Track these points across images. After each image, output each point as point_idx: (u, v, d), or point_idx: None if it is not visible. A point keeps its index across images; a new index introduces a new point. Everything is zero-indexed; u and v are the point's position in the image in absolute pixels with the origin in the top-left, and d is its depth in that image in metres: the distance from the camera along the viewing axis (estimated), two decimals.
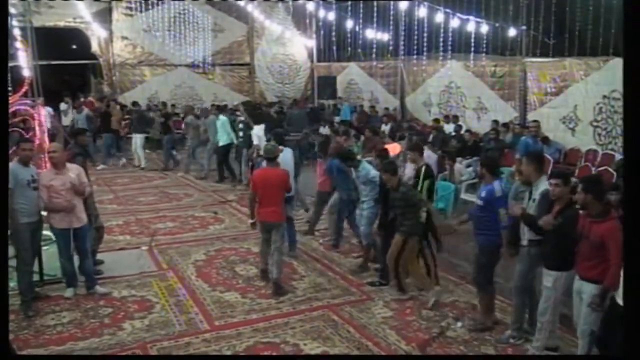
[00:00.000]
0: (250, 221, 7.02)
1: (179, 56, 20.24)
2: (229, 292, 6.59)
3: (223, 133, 12.36)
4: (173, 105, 19.17)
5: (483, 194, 5.42)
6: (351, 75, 19.80)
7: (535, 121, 10.91)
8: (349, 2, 17.80)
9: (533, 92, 12.93)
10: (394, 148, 10.79)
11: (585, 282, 4.50)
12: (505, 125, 12.61)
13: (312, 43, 21.54)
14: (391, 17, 16.54)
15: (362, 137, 12.30)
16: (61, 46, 19.15)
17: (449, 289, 6.65)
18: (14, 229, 5.96)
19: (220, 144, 12.40)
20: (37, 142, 6.91)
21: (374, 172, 7.14)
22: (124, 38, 19.34)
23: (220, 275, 7.12)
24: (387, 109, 17.60)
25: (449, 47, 14.78)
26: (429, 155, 8.62)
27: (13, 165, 6.06)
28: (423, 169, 6.75)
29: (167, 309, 6.11)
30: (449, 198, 8.80)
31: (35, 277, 6.58)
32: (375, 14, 16.96)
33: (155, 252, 7.97)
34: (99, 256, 7.48)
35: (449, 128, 13.82)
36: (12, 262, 5.97)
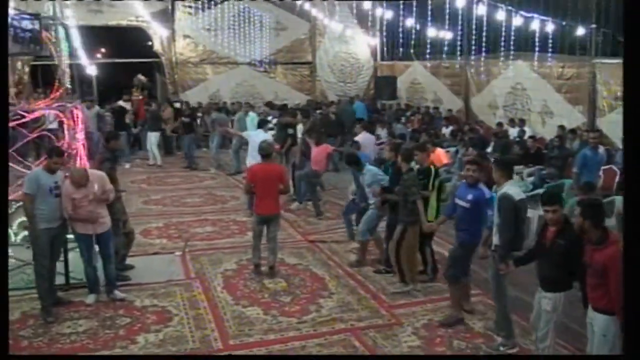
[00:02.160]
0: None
1: (240, 54, 20.23)
2: (252, 307, 6.27)
3: (253, 129, 12.20)
4: (233, 104, 19.16)
5: (470, 197, 5.62)
6: (415, 74, 19.08)
7: (596, 131, 9.89)
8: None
9: (603, 96, 11.83)
10: (439, 157, 10.14)
11: (596, 312, 4.23)
12: (572, 131, 11.59)
13: (375, 41, 20.96)
14: (460, 15, 15.68)
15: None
16: (125, 45, 19.61)
17: (487, 315, 6.02)
18: (33, 233, 5.93)
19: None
20: (65, 145, 6.82)
21: (382, 175, 7.29)
22: (185, 36, 19.51)
23: (247, 287, 6.82)
24: (450, 110, 16.79)
25: (512, 47, 13.82)
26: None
27: (37, 171, 6.03)
28: (433, 168, 6.85)
29: (185, 323, 5.87)
30: None
31: (61, 280, 6.57)
32: (442, 12, 16.17)
33: (187, 258, 7.80)
34: (130, 261, 7.41)
35: (514, 133, 12.93)
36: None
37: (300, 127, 11.57)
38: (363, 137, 10.85)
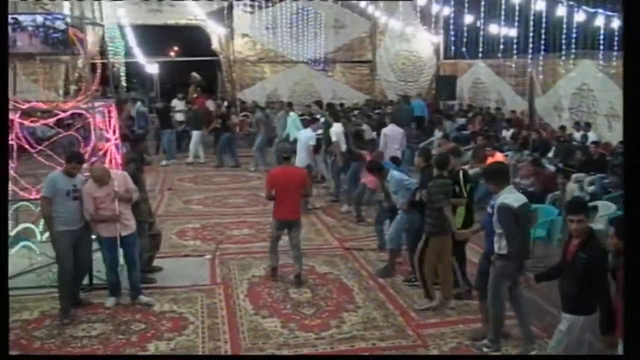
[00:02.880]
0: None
1: (298, 53, 20.06)
2: (271, 318, 5.96)
3: (294, 129, 12.34)
4: (290, 103, 18.98)
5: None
6: (477, 73, 18.22)
7: None
8: None
9: None
10: (496, 160, 9.49)
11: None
12: None
13: (438, 39, 20.19)
14: (518, 11, 14.75)
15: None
16: (185, 43, 19.88)
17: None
18: (52, 236, 5.88)
19: (292, 138, 12.23)
20: (90, 145, 6.77)
21: (408, 180, 7.02)
22: (244, 35, 19.57)
23: (271, 296, 6.52)
24: (513, 112, 15.86)
25: (575, 45, 12.82)
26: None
27: (55, 174, 5.96)
28: (461, 173, 6.47)
29: (199, 332, 5.64)
30: (551, 225, 7.38)
31: (85, 281, 6.52)
32: (506, 8, 15.28)
33: (217, 262, 7.60)
34: (160, 262, 7.30)
35: (579, 137, 11.99)
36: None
37: (339, 128, 11.16)
38: (391, 130, 10.70)
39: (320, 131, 11.36)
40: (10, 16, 6.47)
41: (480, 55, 16.76)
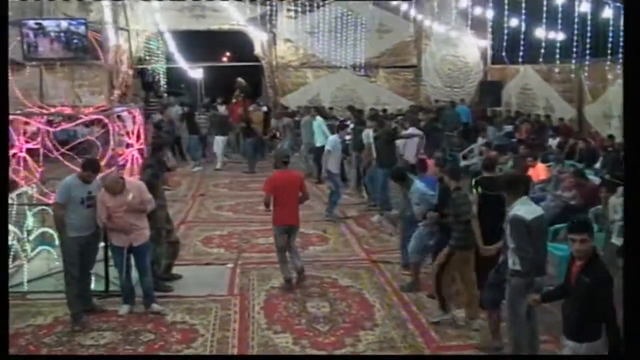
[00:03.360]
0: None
1: (341, 58, 19.82)
2: (284, 333, 5.71)
3: (320, 134, 12.29)
4: (331, 108, 18.79)
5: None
6: (525, 79, 17.47)
7: None
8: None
9: None
10: (537, 172, 8.98)
11: None
12: None
13: (485, 43, 19.52)
14: (576, 16, 13.99)
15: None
16: (228, 49, 19.97)
17: None
18: (62, 241, 5.84)
19: (317, 144, 12.30)
20: (110, 151, 6.72)
21: (430, 193, 6.77)
22: (286, 40, 19.49)
23: (287, 309, 6.28)
24: (562, 119, 15.10)
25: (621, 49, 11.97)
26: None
27: (70, 179, 5.91)
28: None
29: (207, 346, 5.46)
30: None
31: (102, 287, 6.49)
32: (554, 12, 14.54)
33: (237, 271, 7.43)
34: (180, 270, 7.19)
35: None
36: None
37: (369, 133, 10.91)
38: (412, 132, 10.89)
39: (348, 137, 11.17)
40: (34, 21, 6.55)
41: (520, 59, 16.07)
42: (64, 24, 6.48)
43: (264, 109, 17.39)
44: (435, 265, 5.95)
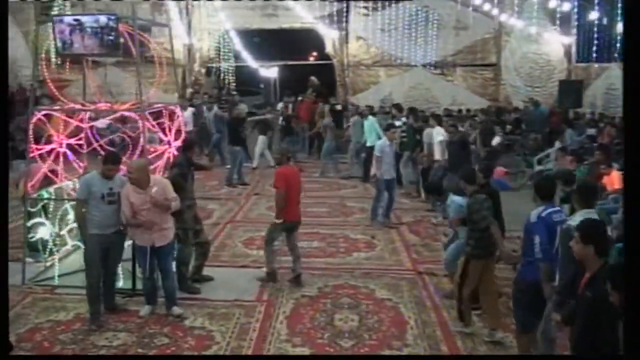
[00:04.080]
0: (278, 221, 6.77)
1: (416, 56, 19.07)
2: (302, 347, 5.32)
3: (371, 134, 11.84)
4: (422, 111, 18.05)
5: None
6: (611, 79, 15.95)
7: None
8: None
9: None
10: (612, 180, 8.00)
11: None
12: None
13: (570, 40, 18.04)
14: None
15: None
16: (299, 47, 19.78)
17: None
18: (83, 238, 5.75)
19: (368, 144, 11.84)
20: (139, 150, 6.57)
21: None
22: (359, 38, 18.99)
23: (313, 321, 5.86)
24: None
25: None
26: None
27: (90, 175, 5.82)
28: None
29: (220, 355, 5.16)
30: None
31: (129, 285, 6.38)
32: None
33: None
34: (214, 271, 7.00)
35: None
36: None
37: (437, 132, 10.31)
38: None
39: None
40: (72, 17, 6.52)
41: (608, 57, 14.65)
42: (103, 19, 6.35)
43: (338, 107, 17.01)
44: (456, 276, 5.64)
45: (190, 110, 14.96)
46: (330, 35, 18.56)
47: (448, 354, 5.17)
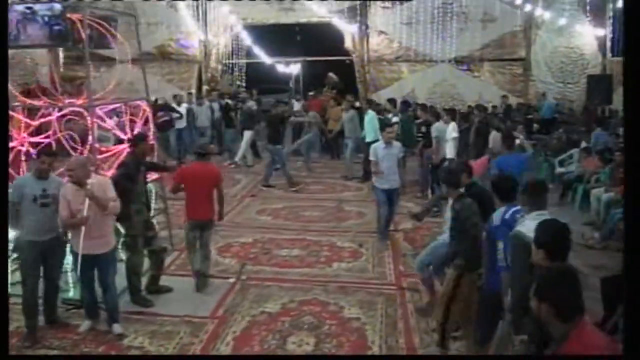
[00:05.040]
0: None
1: (440, 51, 18.14)
2: None
3: (371, 129, 11.03)
4: (432, 107, 17.20)
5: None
6: None
7: None
8: None
9: None
10: None
11: None
12: None
13: (604, 32, 16.73)
14: None
15: None
16: (316, 43, 19.14)
17: None
18: (17, 245, 5.32)
19: (367, 140, 11.00)
20: (87, 148, 6.09)
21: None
22: (380, 32, 18.19)
23: (262, 344, 5.27)
24: None
25: None
26: None
27: (23, 177, 5.39)
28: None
29: None
30: None
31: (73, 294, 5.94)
32: None
33: (236, 287, 6.54)
34: (173, 282, 6.50)
35: None
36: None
37: (451, 128, 9.68)
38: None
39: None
40: (24, 5, 6.10)
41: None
42: (57, 6, 5.91)
43: (357, 104, 16.34)
44: (443, 292, 4.94)
45: (205, 105, 14.64)
46: (349, 30, 17.83)
47: (447, 354, 4.81)
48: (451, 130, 9.69)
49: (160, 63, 18.09)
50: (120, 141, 6.78)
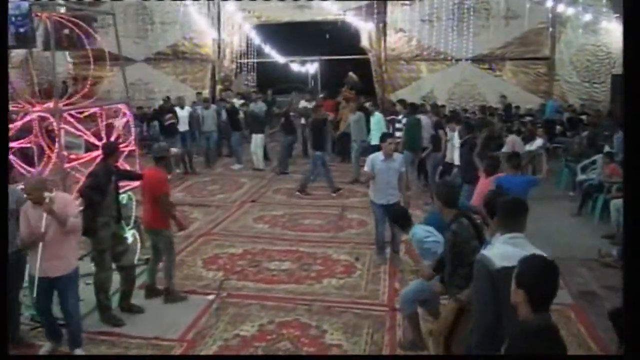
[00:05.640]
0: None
1: (461, 49, 17.49)
2: None
3: (377, 132, 10.47)
4: (443, 106, 16.59)
5: None
6: None
7: None
8: None
9: None
10: None
11: None
12: None
13: None
14: None
15: None
16: (332, 41, 18.66)
17: None
18: None
19: (372, 143, 10.79)
20: (53, 156, 5.74)
21: (431, 240, 5.18)
22: (398, 30, 17.61)
23: None
24: None
25: None
26: None
27: None
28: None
29: None
30: None
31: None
32: None
33: (214, 306, 6.12)
34: (140, 302, 6.08)
35: None
36: None
37: (456, 135, 9.31)
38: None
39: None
40: None
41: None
42: (25, 5, 5.57)
43: (367, 105, 15.82)
44: (444, 324, 4.36)
45: (212, 108, 14.26)
46: (365, 28, 17.30)
47: (447, 354, 4.41)
48: (457, 138, 9.20)
49: (174, 62, 17.91)
50: (89, 149, 6.42)
